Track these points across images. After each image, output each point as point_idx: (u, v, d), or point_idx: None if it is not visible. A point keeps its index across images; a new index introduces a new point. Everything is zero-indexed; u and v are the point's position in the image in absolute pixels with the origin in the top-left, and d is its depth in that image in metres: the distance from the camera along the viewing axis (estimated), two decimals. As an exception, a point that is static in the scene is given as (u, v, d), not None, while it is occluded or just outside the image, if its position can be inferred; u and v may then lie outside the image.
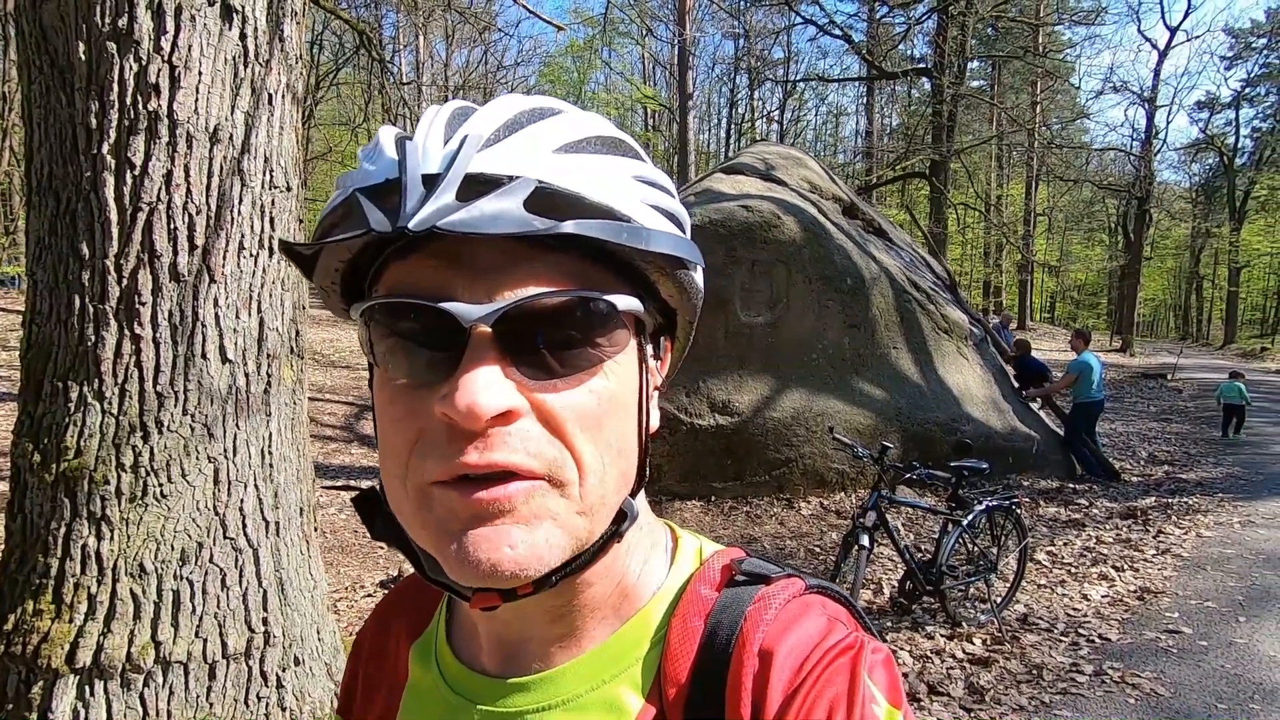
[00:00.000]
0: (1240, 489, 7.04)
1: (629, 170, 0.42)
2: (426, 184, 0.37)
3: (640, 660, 0.47)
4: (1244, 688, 3.29)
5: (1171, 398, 14.48)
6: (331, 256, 0.42)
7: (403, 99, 17.42)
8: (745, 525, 5.73)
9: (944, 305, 7.77)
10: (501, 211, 0.36)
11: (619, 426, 0.43)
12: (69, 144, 1.88)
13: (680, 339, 0.51)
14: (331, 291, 0.45)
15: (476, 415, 0.37)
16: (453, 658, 0.52)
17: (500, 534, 0.39)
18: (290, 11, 2.16)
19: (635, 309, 0.43)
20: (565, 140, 0.41)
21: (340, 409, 8.90)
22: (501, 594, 0.41)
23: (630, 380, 0.44)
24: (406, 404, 0.40)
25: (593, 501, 0.41)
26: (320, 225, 0.42)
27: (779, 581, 0.48)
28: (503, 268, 0.39)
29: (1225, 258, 33.49)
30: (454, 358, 0.39)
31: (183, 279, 1.95)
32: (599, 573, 0.46)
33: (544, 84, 28.08)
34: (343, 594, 4.08)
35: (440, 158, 0.38)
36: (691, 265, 0.44)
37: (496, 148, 0.39)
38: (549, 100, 0.44)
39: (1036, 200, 30.49)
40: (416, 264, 0.40)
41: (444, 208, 0.36)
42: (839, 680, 0.42)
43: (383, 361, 0.41)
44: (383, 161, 0.40)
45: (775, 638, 0.44)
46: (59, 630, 1.85)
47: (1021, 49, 21.75)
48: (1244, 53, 32.88)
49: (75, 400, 1.89)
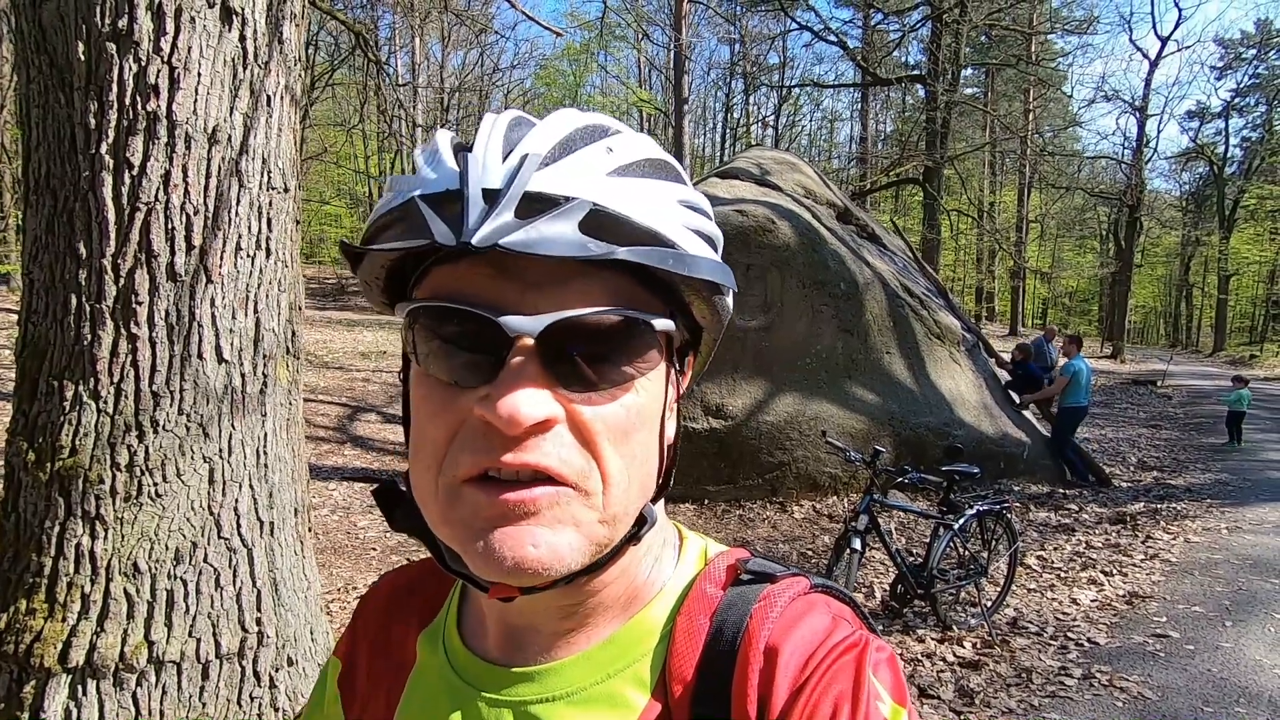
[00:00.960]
0: (1228, 495, 7.11)
1: (675, 195, 0.44)
2: (487, 199, 0.39)
3: (645, 656, 0.48)
4: (1229, 691, 3.33)
5: (1161, 404, 14.60)
6: (379, 255, 0.43)
7: (398, 100, 17.42)
8: (738, 528, 5.75)
9: (937, 311, 7.82)
10: (559, 233, 0.38)
11: (645, 439, 0.44)
12: (67, 143, 1.88)
13: (702, 354, 0.52)
14: (374, 286, 0.46)
15: (517, 422, 0.38)
16: (461, 645, 0.53)
17: (524, 533, 0.40)
18: (290, 14, 2.17)
19: (669, 329, 0.44)
20: (619, 163, 0.42)
21: (334, 410, 8.87)
22: (520, 587, 0.43)
23: (658, 395, 0.45)
24: (443, 400, 0.41)
25: (616, 511, 0.43)
26: (373, 223, 0.43)
27: (784, 580, 0.49)
28: (553, 283, 0.40)
29: (1215, 266, 33.80)
30: (495, 363, 0.40)
31: (180, 279, 1.95)
32: (614, 573, 0.47)
33: (540, 87, 28.10)
34: (335, 595, 4.07)
35: (500, 173, 0.39)
36: (726, 290, 0.46)
37: (555, 167, 0.40)
38: (602, 118, 0.45)
39: (1029, 207, 30.68)
40: (467, 270, 0.41)
41: (505, 225, 0.38)
42: (844, 677, 0.42)
43: (424, 360, 0.42)
44: (444, 170, 0.41)
45: (780, 635, 0.45)
46: (52, 629, 1.85)
47: (1014, 57, 21.92)
48: (1234, 63, 33.25)
49: (70, 399, 1.89)
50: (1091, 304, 40.97)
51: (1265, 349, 28.94)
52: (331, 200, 25.82)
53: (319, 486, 6.21)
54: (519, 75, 29.87)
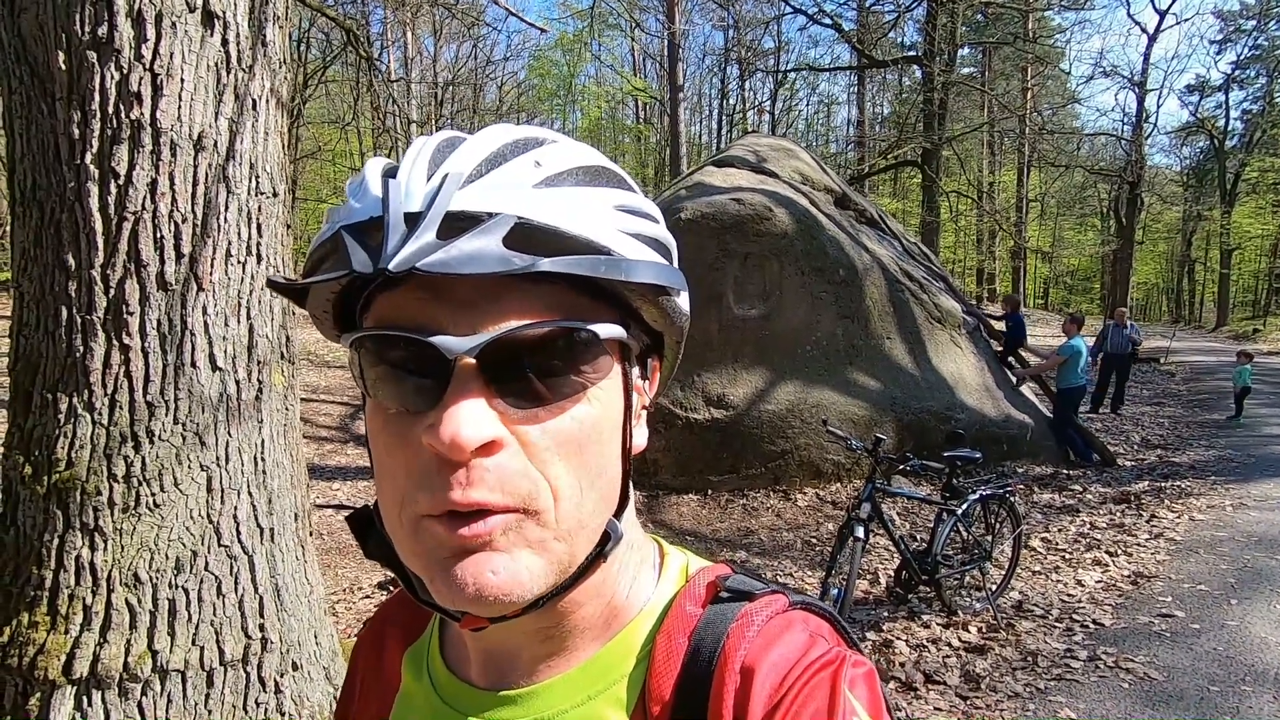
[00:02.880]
0: (1232, 471, 7.10)
1: (611, 200, 0.43)
2: (409, 222, 0.38)
3: (625, 677, 0.48)
4: (1236, 670, 3.33)
5: (1164, 381, 14.56)
6: (323, 288, 0.43)
7: (391, 96, 17.33)
8: (742, 518, 5.76)
9: (937, 294, 7.79)
10: (480, 250, 0.37)
11: (601, 450, 0.44)
12: (51, 154, 1.86)
13: (668, 358, 0.52)
14: (325, 319, 0.46)
15: (460, 447, 0.38)
16: (444, 668, 0.53)
17: (484, 561, 0.40)
18: (273, 16, 2.15)
19: (618, 336, 0.44)
20: (547, 174, 0.41)
21: (335, 409, 8.88)
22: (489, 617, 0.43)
23: (614, 404, 0.45)
24: (398, 431, 0.41)
25: (570, 526, 0.42)
26: (309, 259, 0.43)
27: (762, 598, 0.49)
28: (485, 300, 0.40)
29: (1217, 240, 33.57)
30: (440, 386, 0.39)
31: (170, 288, 1.94)
32: (588, 593, 0.47)
33: (534, 78, 27.92)
34: (341, 596, 4.08)
35: (422, 196, 0.39)
36: (674, 291, 0.45)
37: (478, 184, 0.39)
38: (536, 130, 0.44)
39: (1028, 187, 30.49)
40: (403, 296, 0.41)
41: (424, 248, 0.37)
42: (819, 695, 0.42)
43: (373, 390, 0.42)
44: (368, 199, 0.40)
45: (757, 655, 0.45)
46: (55, 641, 1.85)
47: (1011, 35, 21.69)
48: (1233, 35, 32.88)
49: (65, 412, 1.89)
50: (1093, 282, 40.79)
51: (1269, 323, 28.82)
52: (328, 199, 25.76)
53: (322, 486, 6.23)
54: (513, 67, 29.73)
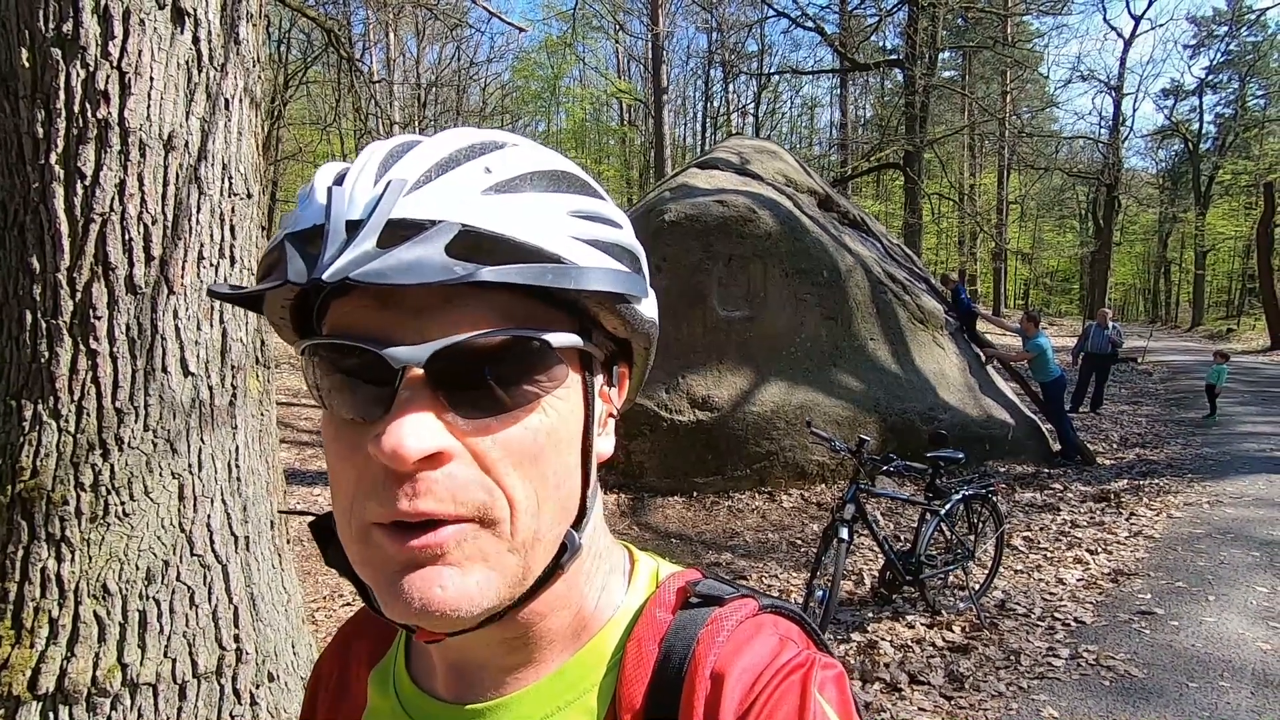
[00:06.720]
0: (1208, 469, 7.21)
1: (566, 206, 0.41)
2: (349, 230, 0.37)
3: (596, 686, 0.47)
4: (1213, 666, 3.37)
5: (1142, 380, 14.78)
6: (277, 295, 0.42)
7: (374, 97, 17.19)
8: (727, 520, 5.76)
9: (919, 295, 7.85)
10: (420, 259, 0.35)
11: (558, 461, 0.42)
12: (14, 154, 1.81)
13: (638, 364, 0.50)
14: (283, 325, 0.45)
15: (402, 458, 0.36)
16: (410, 684, 0.52)
17: (432, 575, 0.39)
18: (245, 14, 2.11)
19: (574, 344, 0.42)
20: (498, 179, 0.39)
21: (316, 413, 8.77)
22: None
23: (573, 414, 0.43)
24: (349, 440, 0.40)
25: (525, 538, 0.41)
26: (260, 266, 0.42)
27: (732, 603, 0.48)
28: (434, 309, 0.38)
29: (1192, 242, 34.21)
30: (390, 396, 0.38)
31: (140, 291, 1.89)
32: (552, 604, 0.46)
33: (518, 80, 27.84)
34: (320, 603, 4.03)
35: (365, 203, 0.37)
36: (634, 299, 0.43)
37: (423, 190, 0.38)
38: (495, 134, 0.43)
39: (1008, 189, 30.90)
40: (354, 304, 0.40)
41: (360, 256, 0.36)
42: (790, 699, 0.42)
43: (326, 398, 0.41)
44: (312, 207, 0.39)
45: (727, 660, 0.45)
46: (19, 656, 1.80)
47: (991, 39, 21.95)
48: (1207, 40, 33.59)
49: (30, 419, 1.83)
50: (1073, 283, 41.37)
51: (1242, 322, 29.38)
52: (309, 200, 25.39)
53: (303, 492, 6.15)
54: (496, 69, 29.53)
